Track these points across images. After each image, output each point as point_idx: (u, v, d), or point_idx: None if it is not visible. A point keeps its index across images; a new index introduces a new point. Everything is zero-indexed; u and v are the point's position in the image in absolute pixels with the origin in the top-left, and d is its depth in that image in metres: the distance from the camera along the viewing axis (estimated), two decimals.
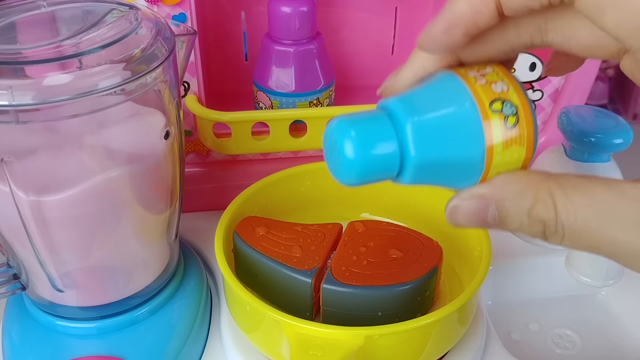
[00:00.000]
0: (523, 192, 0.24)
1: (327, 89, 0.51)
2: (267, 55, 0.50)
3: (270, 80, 0.50)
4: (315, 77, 0.50)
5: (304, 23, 0.49)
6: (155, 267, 0.40)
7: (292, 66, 0.50)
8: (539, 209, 0.23)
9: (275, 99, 0.50)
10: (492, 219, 0.24)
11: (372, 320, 0.37)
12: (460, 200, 0.25)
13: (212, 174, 0.53)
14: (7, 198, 0.32)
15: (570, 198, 0.23)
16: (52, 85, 0.29)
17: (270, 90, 0.50)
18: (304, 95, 0.50)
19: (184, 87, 0.48)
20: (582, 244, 0.23)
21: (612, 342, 0.48)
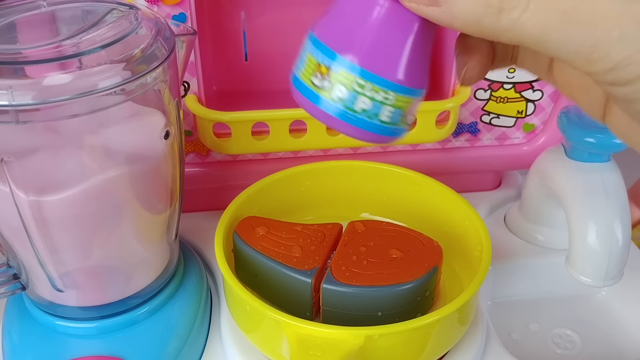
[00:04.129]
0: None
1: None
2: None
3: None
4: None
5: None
6: (155, 267, 0.40)
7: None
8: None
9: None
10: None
11: (372, 320, 0.37)
12: None
13: (212, 174, 0.53)
14: (7, 198, 0.32)
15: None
16: (52, 85, 0.29)
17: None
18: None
19: (184, 87, 0.48)
20: (552, 8, 0.20)
21: (612, 342, 0.48)
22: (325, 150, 0.54)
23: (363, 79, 0.23)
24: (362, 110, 0.24)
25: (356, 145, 0.52)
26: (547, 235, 0.51)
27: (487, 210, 0.55)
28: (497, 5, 0.20)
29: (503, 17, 0.20)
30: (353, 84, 0.23)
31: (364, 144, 0.51)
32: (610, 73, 0.20)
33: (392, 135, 0.25)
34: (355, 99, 0.24)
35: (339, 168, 0.48)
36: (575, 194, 0.42)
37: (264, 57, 0.57)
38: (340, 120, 0.24)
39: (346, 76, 0.24)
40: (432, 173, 0.47)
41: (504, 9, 0.20)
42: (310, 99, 0.25)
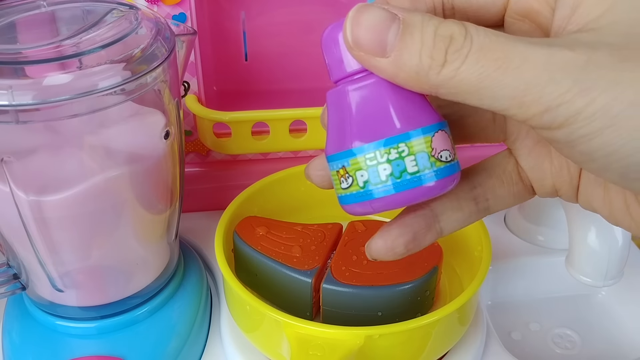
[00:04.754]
0: (433, 17, 0.22)
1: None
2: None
3: None
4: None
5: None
6: (155, 267, 0.40)
7: None
8: (448, 24, 0.22)
9: None
10: (393, 35, 0.22)
11: (372, 320, 0.37)
12: (366, 7, 0.23)
13: (212, 174, 0.53)
14: (7, 198, 0.32)
15: (478, 27, 0.22)
16: (52, 85, 0.29)
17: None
18: None
19: (184, 87, 0.48)
20: (488, 57, 0.21)
21: (612, 342, 0.48)
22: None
23: (368, 153, 0.24)
24: (389, 176, 0.24)
25: None
26: (547, 235, 0.51)
27: None
28: (441, 59, 0.21)
29: (445, 69, 0.21)
30: (364, 163, 0.24)
31: None
32: (545, 115, 0.21)
33: (437, 179, 0.24)
34: (377, 172, 0.24)
35: None
36: None
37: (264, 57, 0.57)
38: (382, 199, 0.24)
39: (355, 162, 0.24)
40: None
41: (447, 62, 0.21)
42: (350, 203, 0.25)
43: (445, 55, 0.21)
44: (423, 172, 0.24)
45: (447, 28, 0.22)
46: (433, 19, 0.22)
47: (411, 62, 0.22)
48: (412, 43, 0.22)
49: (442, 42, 0.21)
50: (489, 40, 0.21)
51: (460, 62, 0.21)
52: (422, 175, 0.24)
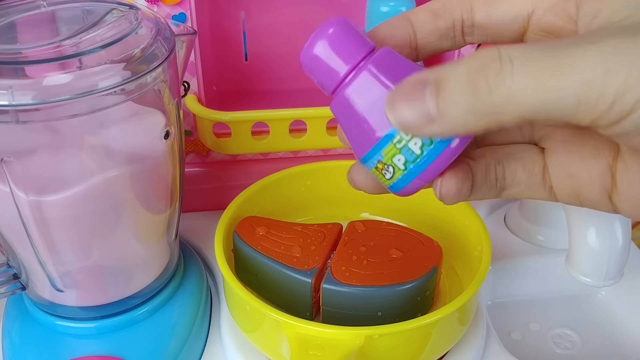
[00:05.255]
0: (459, 62, 0.22)
1: None
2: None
3: None
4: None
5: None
6: (155, 267, 0.40)
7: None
8: (476, 55, 0.21)
9: None
10: (430, 96, 0.22)
11: (372, 320, 0.37)
12: (397, 88, 0.23)
13: (212, 174, 0.53)
14: (7, 198, 0.32)
15: (510, 45, 0.21)
16: (52, 85, 0.29)
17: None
18: None
19: (184, 87, 0.48)
20: (538, 66, 0.20)
21: (612, 342, 0.48)
22: (325, 150, 0.54)
23: (394, 138, 0.25)
24: (422, 148, 0.25)
25: None
26: (547, 235, 0.51)
27: (487, 210, 0.55)
28: (485, 85, 0.21)
29: (495, 92, 0.20)
30: (395, 148, 0.25)
31: None
32: (613, 108, 0.20)
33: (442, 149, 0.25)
34: (410, 150, 0.25)
35: (339, 168, 0.48)
36: None
37: (264, 57, 0.57)
38: (426, 170, 0.26)
39: (387, 152, 0.26)
40: None
41: (492, 89, 0.21)
42: (402, 187, 0.27)
43: (487, 83, 0.21)
44: (427, 147, 0.25)
45: (477, 59, 0.21)
46: (460, 62, 0.21)
47: (460, 110, 0.21)
48: (452, 90, 0.21)
49: (477, 73, 0.21)
50: (529, 51, 0.20)
51: (510, 81, 0.20)
52: (428, 149, 0.25)
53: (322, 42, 0.26)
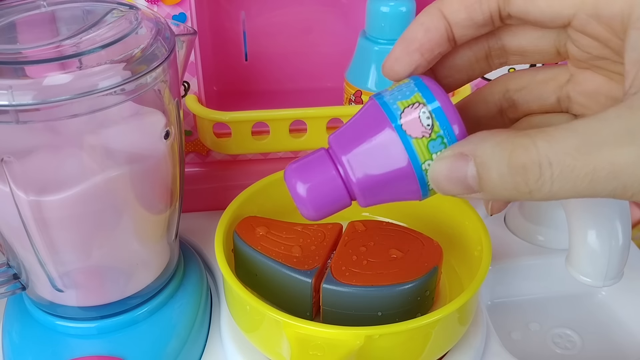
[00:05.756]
0: (501, 143, 0.23)
1: None
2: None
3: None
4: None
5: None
6: (155, 267, 0.40)
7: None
8: (517, 153, 0.22)
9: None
10: (472, 178, 0.23)
11: (372, 320, 0.37)
12: (440, 160, 0.25)
13: (212, 174, 0.53)
14: (7, 198, 0.32)
15: (550, 134, 0.22)
16: (52, 85, 0.29)
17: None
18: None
19: (184, 87, 0.48)
20: (575, 176, 0.21)
21: (612, 342, 0.48)
22: None
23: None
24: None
25: None
26: (548, 235, 0.51)
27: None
28: (525, 189, 0.22)
29: (535, 194, 0.22)
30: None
31: None
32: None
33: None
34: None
35: None
36: None
37: (264, 57, 0.57)
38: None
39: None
40: None
41: (533, 190, 0.22)
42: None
43: (527, 186, 0.22)
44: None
45: (518, 158, 0.22)
46: (503, 149, 0.22)
47: (500, 193, 0.23)
48: (491, 180, 0.23)
49: (518, 175, 0.22)
50: (569, 158, 0.21)
51: (549, 187, 0.22)
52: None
53: (301, 186, 0.29)
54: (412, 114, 0.26)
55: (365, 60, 0.50)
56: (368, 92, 0.50)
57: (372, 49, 0.50)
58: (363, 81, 0.50)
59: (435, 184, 0.26)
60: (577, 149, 0.21)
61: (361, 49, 0.51)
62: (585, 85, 0.27)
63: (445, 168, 0.24)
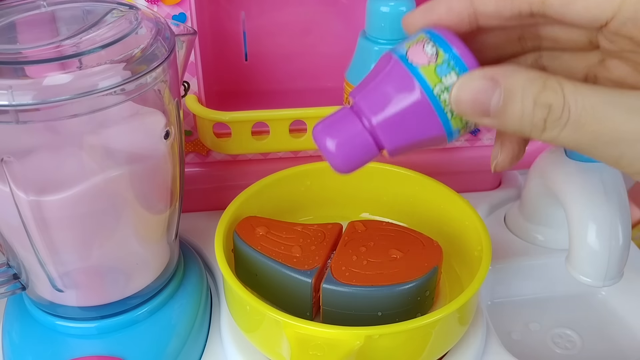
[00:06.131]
0: (533, 80, 0.24)
1: None
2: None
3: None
4: None
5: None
6: (155, 267, 0.40)
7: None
8: (547, 93, 0.24)
9: None
10: (496, 103, 0.24)
11: (372, 320, 0.37)
12: (469, 79, 0.25)
13: (212, 174, 0.53)
14: (7, 198, 0.32)
15: (578, 88, 0.24)
16: (52, 85, 0.29)
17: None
18: None
19: (184, 87, 0.48)
20: (583, 131, 0.23)
21: (612, 342, 0.48)
22: None
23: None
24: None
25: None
26: (547, 235, 0.51)
27: (487, 210, 0.55)
28: (541, 126, 0.24)
29: (546, 134, 0.24)
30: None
31: None
32: (637, 175, 0.24)
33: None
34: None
35: None
36: (575, 194, 0.42)
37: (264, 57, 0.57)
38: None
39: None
40: (432, 173, 0.47)
41: (546, 129, 0.24)
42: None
43: (544, 124, 0.24)
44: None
45: (547, 97, 0.24)
46: (534, 85, 0.24)
47: (513, 125, 0.24)
48: (514, 111, 0.24)
49: (541, 111, 0.24)
50: (585, 113, 0.23)
51: (558, 132, 0.24)
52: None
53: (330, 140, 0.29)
54: (416, 47, 0.27)
55: (365, 60, 0.50)
56: None
57: (372, 49, 0.50)
58: None
59: (457, 99, 0.26)
60: (594, 108, 0.23)
61: (361, 49, 0.51)
62: (613, 72, 0.28)
63: (474, 87, 0.25)
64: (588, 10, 0.24)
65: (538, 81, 0.24)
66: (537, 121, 0.24)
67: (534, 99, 0.24)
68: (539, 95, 0.24)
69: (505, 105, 0.24)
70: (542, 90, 0.24)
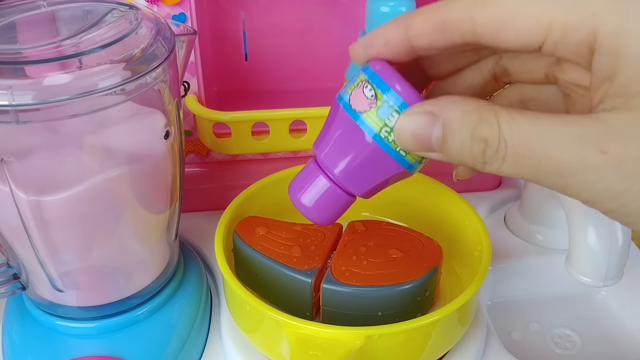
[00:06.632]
0: (470, 113, 0.24)
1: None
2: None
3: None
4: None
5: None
6: (155, 267, 0.40)
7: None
8: (482, 127, 0.23)
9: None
10: (436, 139, 0.25)
11: (372, 320, 0.37)
12: (408, 116, 0.26)
13: (212, 174, 0.53)
14: (7, 198, 0.32)
15: (514, 118, 0.23)
16: (52, 85, 0.29)
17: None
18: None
19: (184, 87, 0.48)
20: (522, 163, 0.23)
21: (612, 342, 0.48)
22: None
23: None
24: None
25: None
26: (547, 235, 0.51)
27: (487, 210, 0.55)
28: (481, 160, 0.24)
29: (487, 167, 0.24)
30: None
31: None
32: (586, 202, 0.24)
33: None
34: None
35: None
36: None
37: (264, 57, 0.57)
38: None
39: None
40: (432, 173, 0.47)
41: (486, 163, 0.24)
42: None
43: (483, 157, 0.24)
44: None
45: (482, 131, 0.23)
46: (470, 118, 0.24)
47: (457, 158, 0.25)
48: (453, 145, 0.24)
49: (478, 145, 0.24)
50: (521, 145, 0.23)
51: (499, 165, 0.24)
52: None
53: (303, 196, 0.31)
54: (357, 92, 0.28)
55: None
56: None
57: None
58: None
59: (399, 137, 0.26)
60: (531, 139, 0.23)
61: None
62: (569, 74, 0.28)
63: (413, 124, 0.25)
64: (518, 38, 0.24)
65: (474, 114, 0.24)
66: (476, 155, 0.24)
67: (470, 132, 0.24)
68: (475, 128, 0.24)
69: (445, 140, 0.24)
70: (478, 124, 0.23)
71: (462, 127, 0.24)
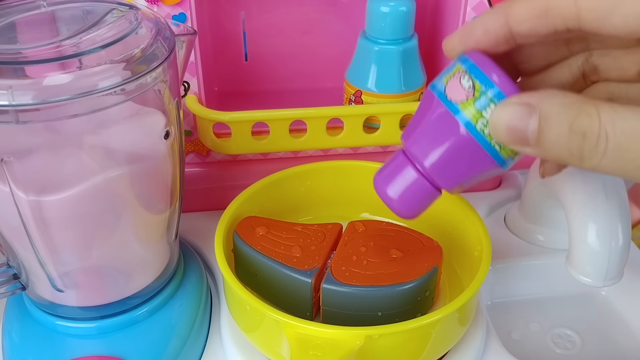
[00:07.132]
0: (569, 105, 0.23)
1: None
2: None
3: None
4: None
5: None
6: (155, 267, 0.40)
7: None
8: (581, 119, 0.22)
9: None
10: (532, 131, 0.24)
11: (372, 320, 0.37)
12: (505, 106, 0.25)
13: (212, 174, 0.53)
14: (7, 198, 0.32)
15: (617, 110, 0.22)
16: (52, 85, 0.29)
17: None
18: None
19: (184, 87, 0.48)
20: (625, 157, 0.22)
21: (612, 342, 0.48)
22: (325, 150, 0.54)
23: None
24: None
25: (356, 145, 0.52)
26: (547, 235, 0.51)
27: (487, 210, 0.55)
28: (578, 154, 0.23)
29: (586, 162, 0.23)
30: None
31: (362, 145, 0.51)
32: None
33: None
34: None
35: (339, 168, 0.48)
36: (575, 194, 0.42)
37: (264, 57, 0.57)
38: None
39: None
40: None
41: (584, 158, 0.23)
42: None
43: (581, 152, 0.23)
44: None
45: (581, 123, 0.22)
46: (569, 110, 0.23)
47: (553, 153, 0.24)
48: (550, 138, 0.23)
49: (576, 139, 0.23)
50: (625, 137, 0.22)
51: (599, 159, 0.22)
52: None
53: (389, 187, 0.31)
54: (454, 82, 0.27)
55: (365, 60, 0.50)
56: (368, 92, 0.50)
57: (372, 49, 0.50)
58: (363, 81, 0.50)
59: (494, 128, 0.25)
60: (637, 131, 0.22)
61: (361, 49, 0.51)
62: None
63: (509, 115, 0.24)
64: (626, 24, 0.23)
65: (573, 106, 0.23)
66: (574, 149, 0.23)
67: (568, 125, 0.23)
68: (574, 121, 0.23)
69: (542, 132, 0.23)
70: (577, 116, 0.23)
71: (560, 119, 0.23)
